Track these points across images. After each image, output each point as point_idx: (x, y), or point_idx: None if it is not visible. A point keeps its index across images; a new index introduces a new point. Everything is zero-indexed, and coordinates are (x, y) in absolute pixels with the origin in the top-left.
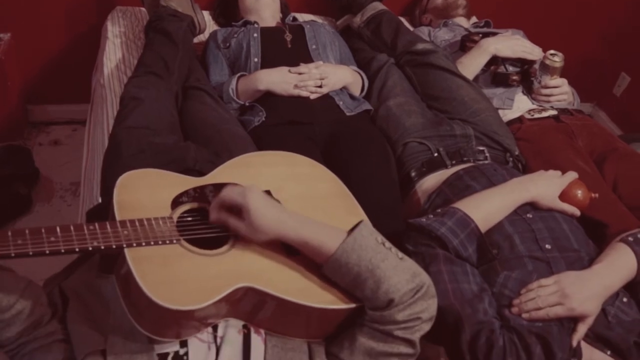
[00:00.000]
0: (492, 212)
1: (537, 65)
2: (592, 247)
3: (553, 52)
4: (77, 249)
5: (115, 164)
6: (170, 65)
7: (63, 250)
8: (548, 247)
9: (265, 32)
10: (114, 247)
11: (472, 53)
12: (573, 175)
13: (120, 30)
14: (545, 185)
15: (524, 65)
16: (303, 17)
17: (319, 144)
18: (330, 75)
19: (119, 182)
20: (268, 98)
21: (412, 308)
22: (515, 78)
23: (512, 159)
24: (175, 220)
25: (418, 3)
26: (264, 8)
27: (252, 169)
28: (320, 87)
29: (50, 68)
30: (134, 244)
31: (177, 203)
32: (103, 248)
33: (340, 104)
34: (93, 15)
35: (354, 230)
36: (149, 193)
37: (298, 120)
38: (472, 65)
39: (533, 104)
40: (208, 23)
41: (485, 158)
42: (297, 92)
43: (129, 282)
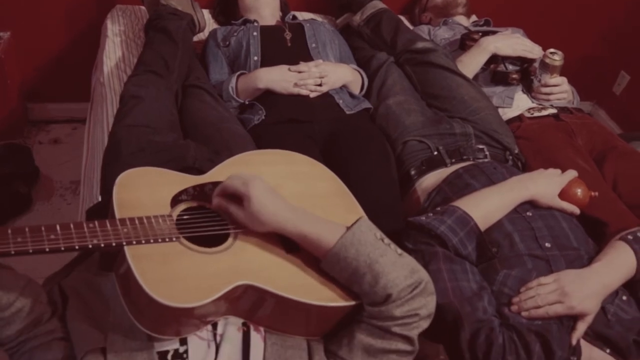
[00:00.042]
0: (491, 210)
1: (536, 64)
2: (591, 245)
3: (553, 50)
4: (76, 247)
5: (115, 162)
6: (170, 64)
7: (63, 248)
8: (548, 245)
9: (265, 30)
10: (114, 244)
11: (471, 51)
12: (573, 174)
13: (120, 29)
14: (545, 184)
15: (524, 64)
16: (303, 15)
17: (319, 143)
18: (330, 74)
19: (119, 180)
20: (268, 96)
21: (410, 304)
22: (515, 76)
23: (511, 158)
24: (175, 218)
25: (418, 1)
26: (264, 6)
27: (251, 167)
28: (320, 85)
29: (50, 66)
30: (134, 242)
31: (176, 201)
32: (103, 246)
33: (340, 103)
34: (93, 14)
35: (353, 226)
36: (149, 191)
37: (297, 119)
38: (471, 64)
39: (533, 103)
40: (208, 21)
41: (485, 156)
42: (296, 90)
43: (129, 279)
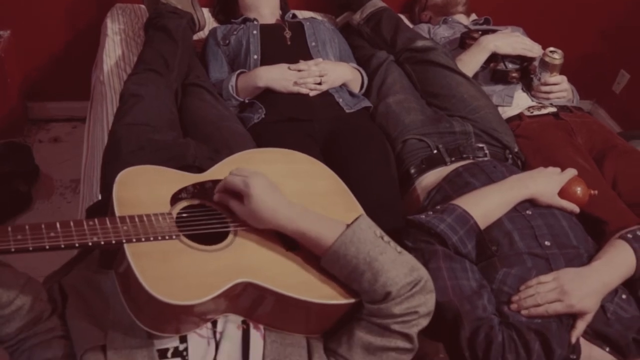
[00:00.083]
0: (491, 208)
1: (536, 63)
2: (591, 244)
3: (552, 49)
4: (76, 244)
5: (115, 161)
6: (170, 63)
7: (63, 246)
8: (547, 243)
9: (265, 29)
10: (114, 242)
11: (471, 50)
12: (572, 172)
13: (120, 28)
14: (545, 182)
15: (524, 63)
16: (302, 14)
17: (319, 141)
18: (330, 72)
19: (118, 178)
20: (267, 95)
21: (409, 302)
22: (515, 75)
23: (511, 156)
24: (175, 216)
25: (418, 0)
26: (264, 5)
27: (251, 166)
28: (320, 84)
29: (50, 65)
30: (134, 240)
31: (176, 199)
32: (103, 243)
33: (340, 101)
34: (93, 13)
35: (353, 223)
36: (148, 189)
37: (297, 117)
38: (471, 63)
39: (532, 101)
40: (207, 20)
41: (485, 155)
42: (296, 89)
43: (129, 277)
